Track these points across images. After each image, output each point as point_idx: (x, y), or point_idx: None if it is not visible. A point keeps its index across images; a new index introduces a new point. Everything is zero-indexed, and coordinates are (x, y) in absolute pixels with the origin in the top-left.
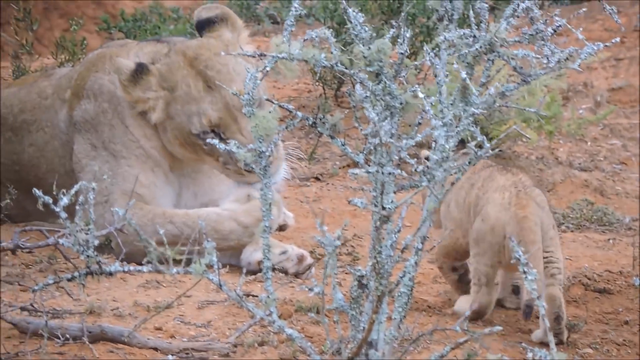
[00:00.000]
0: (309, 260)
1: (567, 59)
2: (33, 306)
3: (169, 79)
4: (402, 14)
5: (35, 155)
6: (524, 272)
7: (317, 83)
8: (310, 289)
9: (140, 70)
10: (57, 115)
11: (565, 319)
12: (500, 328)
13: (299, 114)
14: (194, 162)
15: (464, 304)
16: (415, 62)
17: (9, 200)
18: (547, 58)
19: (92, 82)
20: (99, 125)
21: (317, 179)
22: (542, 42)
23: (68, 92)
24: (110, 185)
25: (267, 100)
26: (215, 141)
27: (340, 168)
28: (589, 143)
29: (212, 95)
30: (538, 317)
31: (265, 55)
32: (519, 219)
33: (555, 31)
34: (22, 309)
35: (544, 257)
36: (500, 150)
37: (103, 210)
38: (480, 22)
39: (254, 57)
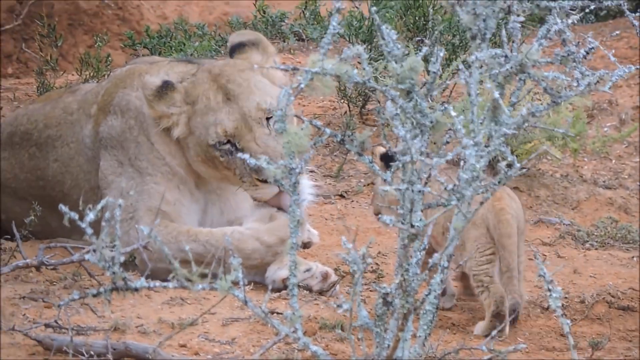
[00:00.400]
0: (334, 277)
1: (598, 82)
2: (57, 323)
3: (192, 94)
4: (435, 32)
5: (60, 171)
6: (549, 290)
7: (342, 100)
8: (339, 306)
9: (165, 87)
10: (83, 131)
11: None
12: (524, 346)
13: (327, 130)
14: (217, 180)
15: (483, 326)
16: (447, 82)
17: (33, 217)
18: (577, 81)
19: (120, 98)
20: (125, 142)
21: (342, 196)
22: (574, 64)
23: (94, 107)
24: (136, 202)
25: (296, 116)
26: (242, 155)
27: (365, 185)
28: (613, 161)
29: (230, 106)
30: (562, 332)
31: (298, 70)
32: (497, 210)
33: (587, 53)
34: (47, 325)
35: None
36: (525, 169)
37: (128, 227)
38: (513, 42)
39: (287, 70)
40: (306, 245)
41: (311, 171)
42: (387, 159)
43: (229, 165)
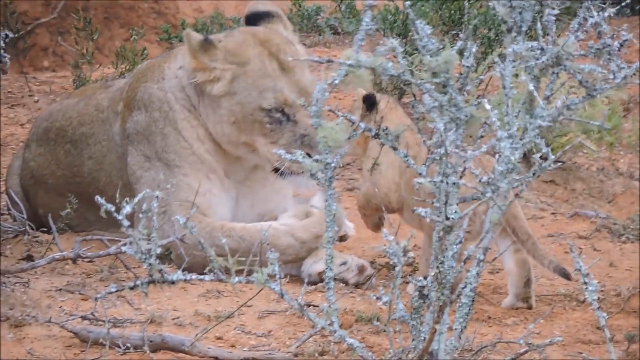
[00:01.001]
0: (370, 270)
1: (634, 74)
2: (94, 315)
3: (238, 54)
4: (469, 26)
5: (95, 168)
6: (585, 283)
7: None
8: (379, 298)
9: (209, 41)
10: (112, 129)
11: (534, 282)
12: (561, 339)
13: (362, 125)
14: (237, 145)
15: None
16: (481, 76)
17: (69, 210)
18: (614, 74)
19: (142, 93)
20: (151, 136)
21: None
22: (609, 56)
23: (120, 104)
24: (167, 196)
25: (331, 111)
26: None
27: None
28: None
29: (288, 77)
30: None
31: (332, 62)
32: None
33: (622, 45)
34: (83, 317)
35: (511, 225)
36: (562, 162)
37: (162, 221)
38: (548, 35)
39: (321, 63)
40: (342, 238)
41: (347, 165)
42: (369, 101)
43: (272, 133)
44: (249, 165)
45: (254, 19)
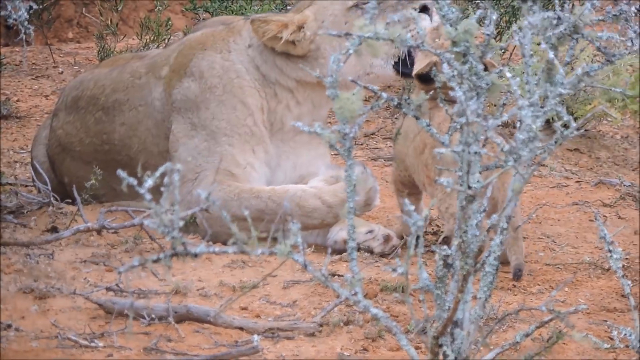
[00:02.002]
0: (395, 240)
1: None
2: (119, 286)
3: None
4: None
5: (127, 135)
6: (609, 251)
7: None
8: (394, 269)
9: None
10: (152, 94)
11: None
12: (585, 307)
13: (384, 94)
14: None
15: None
16: (501, 44)
17: (93, 181)
18: (632, 41)
19: (200, 60)
20: (203, 102)
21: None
22: (626, 22)
23: (165, 69)
24: (205, 162)
25: (352, 81)
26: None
27: None
28: None
29: None
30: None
31: (350, 35)
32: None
33: (639, 11)
34: (108, 289)
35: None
36: (585, 130)
37: (192, 187)
38: (564, 4)
39: (339, 36)
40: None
41: (371, 134)
42: (423, 78)
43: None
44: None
45: None
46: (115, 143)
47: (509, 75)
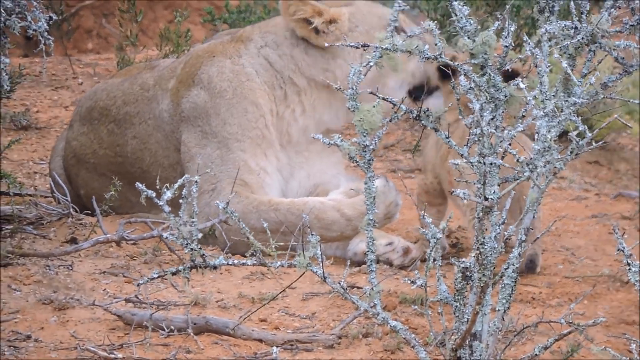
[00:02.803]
0: (415, 252)
1: None
2: (138, 298)
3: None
4: (507, 6)
5: (139, 148)
6: (628, 264)
7: None
8: (413, 282)
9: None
10: (159, 106)
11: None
12: (604, 319)
13: (403, 107)
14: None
15: None
16: (520, 55)
17: (113, 192)
18: None
19: (208, 67)
20: (213, 109)
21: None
22: None
23: (172, 81)
24: (220, 172)
25: (371, 93)
26: None
27: None
28: None
29: None
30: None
31: (368, 47)
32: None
33: None
34: (127, 300)
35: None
36: (604, 142)
37: (210, 198)
38: (582, 14)
39: (357, 48)
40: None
41: (391, 146)
42: (443, 71)
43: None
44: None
45: None
46: (128, 156)
47: (522, 86)
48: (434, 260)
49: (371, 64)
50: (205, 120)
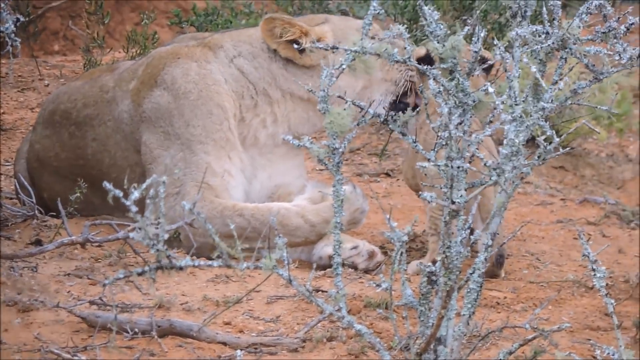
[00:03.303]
0: (380, 257)
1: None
2: (102, 300)
3: (315, 19)
4: (476, 11)
5: (98, 150)
6: (593, 269)
7: None
8: (378, 285)
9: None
10: (119, 107)
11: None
12: (569, 325)
13: (371, 111)
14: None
15: (414, 266)
16: (491, 61)
17: (78, 194)
18: (619, 55)
19: (172, 68)
20: (176, 109)
21: (388, 174)
22: (615, 40)
23: (132, 83)
24: (183, 175)
25: (340, 97)
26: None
27: None
28: None
29: None
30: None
31: (338, 49)
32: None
33: (628, 29)
34: (91, 302)
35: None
36: (570, 148)
37: (174, 202)
38: (553, 19)
39: (327, 50)
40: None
41: (357, 150)
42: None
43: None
44: (278, 140)
45: None
46: (89, 158)
47: (491, 90)
48: (399, 263)
49: (344, 66)
50: (168, 121)
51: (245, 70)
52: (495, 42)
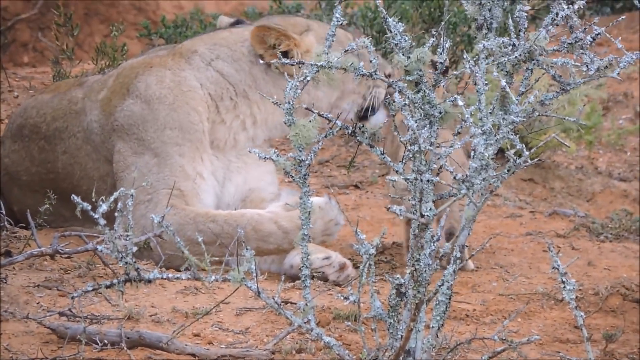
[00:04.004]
0: (350, 270)
1: (607, 67)
2: (71, 311)
3: (298, 24)
4: (442, 23)
5: (69, 162)
6: (563, 282)
7: None
8: (346, 298)
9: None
10: (87, 117)
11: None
12: (538, 337)
13: (339, 122)
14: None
15: None
16: (456, 72)
17: (48, 206)
18: (587, 66)
19: (145, 76)
20: (150, 115)
21: (357, 186)
22: (582, 50)
23: (102, 93)
24: (156, 181)
25: (307, 109)
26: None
27: (379, 176)
28: (628, 153)
29: None
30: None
31: (303, 64)
32: None
33: (594, 39)
34: (61, 314)
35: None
36: (539, 160)
37: (146, 210)
38: (520, 31)
39: (292, 65)
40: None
41: (326, 162)
42: None
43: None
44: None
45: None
46: (59, 171)
47: (460, 103)
48: (367, 276)
49: (308, 78)
50: (142, 127)
51: (225, 72)
52: (465, 55)
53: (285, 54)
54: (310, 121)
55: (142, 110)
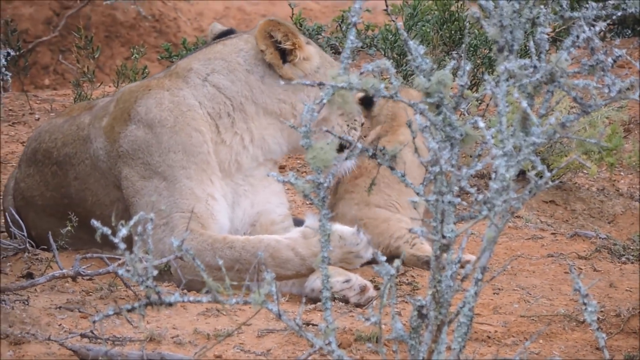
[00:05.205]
0: (372, 292)
1: (628, 89)
2: (93, 333)
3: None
4: (463, 45)
5: (81, 188)
6: (584, 304)
7: None
8: (367, 319)
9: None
10: (93, 145)
11: None
12: (559, 359)
13: (359, 145)
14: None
15: None
16: (476, 94)
17: (70, 228)
18: (608, 88)
19: (145, 100)
20: (154, 139)
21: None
22: (602, 72)
23: (105, 120)
24: (169, 205)
25: (327, 131)
26: None
27: None
28: None
29: None
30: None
31: (324, 85)
32: None
33: (615, 61)
34: (83, 336)
35: None
36: (561, 182)
37: (162, 234)
38: (541, 53)
39: (313, 86)
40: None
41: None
42: (367, 102)
43: None
44: (259, 163)
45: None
46: (73, 197)
47: (482, 125)
48: (389, 297)
49: (324, 101)
50: (147, 152)
51: (222, 85)
52: (486, 76)
53: (285, 54)
54: (327, 143)
55: (145, 134)
